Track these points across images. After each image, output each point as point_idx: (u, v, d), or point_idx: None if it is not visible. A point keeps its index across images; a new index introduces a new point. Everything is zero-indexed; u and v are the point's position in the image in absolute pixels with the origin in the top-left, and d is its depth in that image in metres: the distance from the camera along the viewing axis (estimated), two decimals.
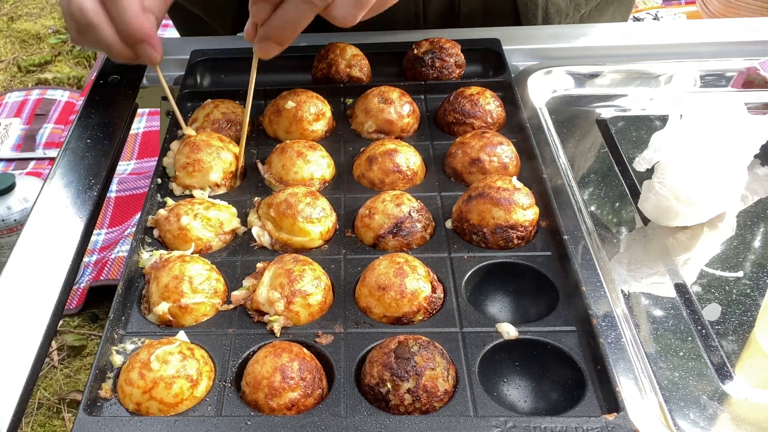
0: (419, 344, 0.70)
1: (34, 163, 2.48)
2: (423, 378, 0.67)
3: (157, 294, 0.78)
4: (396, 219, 0.86)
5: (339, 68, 1.13)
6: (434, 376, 0.68)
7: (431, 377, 0.68)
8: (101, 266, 2.03)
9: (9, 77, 3.11)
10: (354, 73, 1.14)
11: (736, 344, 0.77)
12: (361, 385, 0.70)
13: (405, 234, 0.86)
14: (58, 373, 1.87)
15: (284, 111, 1.04)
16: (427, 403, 0.67)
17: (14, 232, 1.87)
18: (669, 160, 0.88)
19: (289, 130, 1.05)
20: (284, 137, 1.05)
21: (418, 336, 0.72)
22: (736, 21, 1.31)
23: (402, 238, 0.86)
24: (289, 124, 1.04)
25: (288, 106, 1.04)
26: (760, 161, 1.00)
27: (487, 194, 0.86)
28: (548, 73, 1.19)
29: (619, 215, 0.96)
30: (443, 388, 0.68)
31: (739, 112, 0.91)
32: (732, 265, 0.87)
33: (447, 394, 0.68)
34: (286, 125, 1.04)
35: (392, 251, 0.85)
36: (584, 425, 0.65)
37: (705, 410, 0.70)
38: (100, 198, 0.93)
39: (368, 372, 0.70)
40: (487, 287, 0.83)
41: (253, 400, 0.69)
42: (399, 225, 0.86)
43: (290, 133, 1.05)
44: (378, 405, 0.68)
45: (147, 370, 0.68)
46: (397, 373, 0.67)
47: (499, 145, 0.95)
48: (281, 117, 1.04)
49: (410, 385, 0.67)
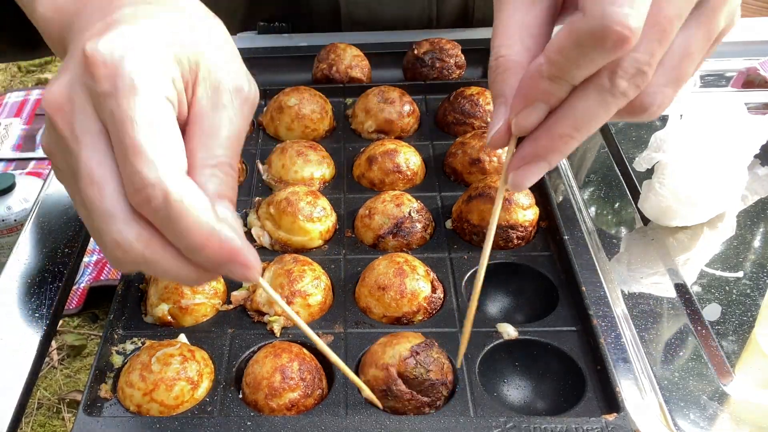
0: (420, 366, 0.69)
1: (34, 163, 2.49)
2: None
3: (156, 295, 0.78)
4: (396, 219, 0.86)
5: (339, 68, 1.14)
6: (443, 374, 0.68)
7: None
8: (101, 266, 2.03)
9: (9, 77, 3.11)
10: (354, 73, 1.14)
11: (736, 344, 0.77)
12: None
13: (405, 234, 0.86)
14: (58, 373, 1.87)
15: (286, 108, 1.04)
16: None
17: (14, 232, 1.87)
18: (669, 160, 0.87)
19: (290, 127, 1.04)
20: (285, 134, 1.05)
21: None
22: None
23: (402, 239, 0.86)
24: (290, 121, 1.04)
25: (291, 103, 1.04)
26: (760, 161, 1.00)
27: (487, 194, 0.86)
28: None
29: (619, 215, 0.96)
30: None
31: (739, 112, 0.91)
32: (732, 265, 0.87)
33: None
34: (287, 122, 1.04)
35: (392, 251, 0.85)
36: (584, 425, 0.65)
37: (705, 410, 0.70)
38: None
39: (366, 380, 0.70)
40: (487, 287, 0.83)
41: (253, 401, 0.69)
42: (399, 225, 0.86)
43: (291, 131, 1.05)
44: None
45: (148, 372, 0.68)
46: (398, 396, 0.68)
47: None
48: (283, 114, 1.04)
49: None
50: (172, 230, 0.50)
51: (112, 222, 0.50)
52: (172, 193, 0.48)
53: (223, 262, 0.51)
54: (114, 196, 0.50)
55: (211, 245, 0.50)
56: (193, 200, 0.49)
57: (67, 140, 0.50)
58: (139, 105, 0.48)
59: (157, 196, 0.48)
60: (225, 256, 0.51)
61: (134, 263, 0.52)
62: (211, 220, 0.50)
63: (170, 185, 0.48)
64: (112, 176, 0.50)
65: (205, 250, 0.50)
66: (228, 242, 0.50)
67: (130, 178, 0.49)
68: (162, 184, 0.48)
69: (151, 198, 0.48)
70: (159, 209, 0.49)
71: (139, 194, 0.48)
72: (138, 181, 0.48)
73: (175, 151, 0.50)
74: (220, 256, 0.51)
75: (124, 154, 0.49)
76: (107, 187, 0.50)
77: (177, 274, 0.53)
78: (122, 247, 0.51)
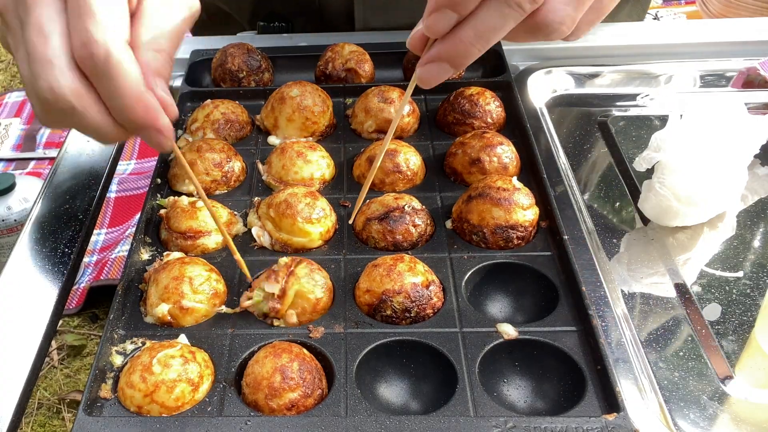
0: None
1: (34, 163, 2.49)
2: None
3: (156, 295, 0.78)
4: (388, 208, 0.86)
5: (335, 65, 1.14)
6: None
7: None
8: (101, 266, 2.03)
9: (9, 77, 3.11)
10: (350, 65, 1.14)
11: (736, 344, 0.77)
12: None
13: (390, 221, 0.85)
14: (58, 373, 1.87)
15: (288, 99, 1.04)
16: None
17: (14, 232, 1.87)
18: (669, 160, 0.87)
19: (291, 118, 1.04)
20: (284, 125, 1.04)
21: None
22: (736, 21, 1.31)
23: (387, 225, 0.85)
24: (292, 112, 1.04)
25: (293, 93, 1.04)
26: (760, 161, 1.00)
27: (487, 194, 0.86)
28: (548, 73, 1.19)
29: (619, 215, 0.96)
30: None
31: (739, 112, 0.91)
32: (732, 265, 0.87)
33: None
34: (288, 113, 1.04)
35: (378, 238, 0.86)
36: (584, 425, 0.65)
37: (705, 410, 0.70)
38: (100, 198, 0.93)
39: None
40: (487, 287, 0.83)
41: (253, 401, 0.69)
42: (388, 213, 0.86)
43: (292, 122, 1.04)
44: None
45: (149, 373, 0.68)
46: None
47: (499, 146, 0.95)
48: (285, 104, 1.04)
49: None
50: (105, 87, 0.57)
51: (50, 68, 0.56)
52: (113, 54, 0.55)
53: (145, 125, 0.59)
54: (56, 47, 0.56)
55: (138, 107, 0.57)
56: (130, 66, 0.56)
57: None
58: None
59: (100, 54, 0.55)
60: (148, 120, 0.58)
61: (61, 112, 0.58)
62: (141, 86, 0.57)
63: (112, 47, 0.55)
64: (58, 31, 0.56)
65: (131, 110, 0.57)
66: (152, 108, 0.58)
67: (78, 34, 0.55)
68: (106, 45, 0.55)
69: (94, 55, 0.55)
70: (98, 65, 0.55)
71: (84, 48, 0.55)
72: (85, 36, 0.55)
73: (122, 22, 0.57)
74: (143, 119, 0.58)
75: (77, 13, 0.55)
76: (52, 37, 0.56)
77: (98, 127, 0.59)
78: (54, 92, 0.56)
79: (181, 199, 0.90)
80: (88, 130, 0.60)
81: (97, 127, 0.59)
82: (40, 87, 0.56)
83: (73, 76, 0.56)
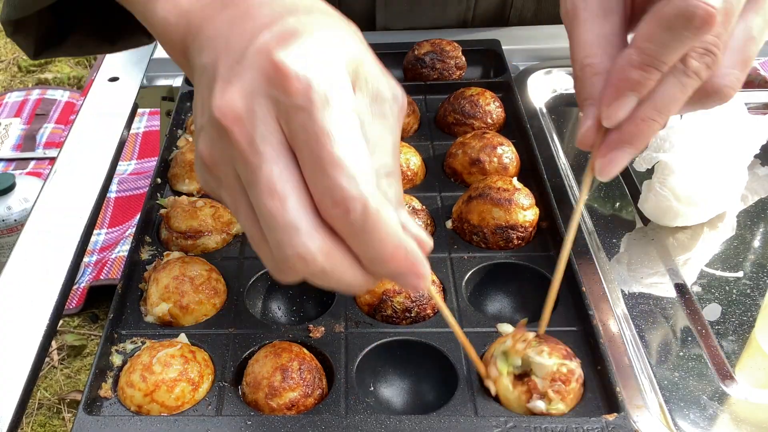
0: None
1: (34, 163, 2.49)
2: None
3: (156, 295, 0.78)
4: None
5: None
6: None
7: None
8: (101, 266, 2.03)
9: (9, 77, 3.11)
10: None
11: (736, 344, 0.77)
12: None
13: None
14: (58, 373, 1.87)
15: None
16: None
17: (14, 232, 1.87)
18: (669, 160, 0.87)
19: None
20: None
21: None
22: None
23: None
24: None
25: None
26: (760, 161, 1.00)
27: (487, 194, 0.86)
28: (548, 73, 1.19)
29: (619, 215, 0.96)
30: None
31: (739, 112, 0.91)
32: (732, 265, 0.87)
33: None
34: None
35: None
36: (584, 425, 0.65)
37: (705, 410, 0.70)
38: (100, 198, 0.93)
39: None
40: (487, 287, 0.83)
41: (253, 400, 0.69)
42: None
43: None
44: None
45: (149, 372, 0.69)
46: None
47: (499, 146, 0.95)
48: None
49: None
50: (362, 241, 0.49)
51: (296, 234, 0.49)
52: (371, 206, 0.48)
53: (403, 273, 0.51)
54: (297, 209, 0.49)
55: (398, 257, 0.50)
56: (387, 212, 0.49)
57: (245, 152, 0.48)
58: (333, 119, 0.48)
59: (357, 208, 0.48)
60: (407, 268, 0.50)
61: (311, 275, 0.51)
62: (400, 232, 0.49)
63: (369, 198, 0.48)
64: (293, 189, 0.49)
65: (390, 260, 0.50)
66: (413, 255, 0.50)
67: (329, 192, 0.48)
68: (362, 197, 0.47)
69: (351, 210, 0.48)
70: (356, 222, 0.48)
71: (338, 207, 0.48)
72: (338, 194, 0.47)
73: (368, 164, 0.49)
74: (403, 268, 0.50)
75: (321, 168, 0.48)
76: (290, 199, 0.48)
77: (350, 283, 0.52)
78: (305, 260, 0.49)
79: (182, 199, 0.90)
80: (336, 286, 0.52)
81: (348, 283, 0.51)
82: (287, 256, 0.49)
83: (321, 237, 0.49)
